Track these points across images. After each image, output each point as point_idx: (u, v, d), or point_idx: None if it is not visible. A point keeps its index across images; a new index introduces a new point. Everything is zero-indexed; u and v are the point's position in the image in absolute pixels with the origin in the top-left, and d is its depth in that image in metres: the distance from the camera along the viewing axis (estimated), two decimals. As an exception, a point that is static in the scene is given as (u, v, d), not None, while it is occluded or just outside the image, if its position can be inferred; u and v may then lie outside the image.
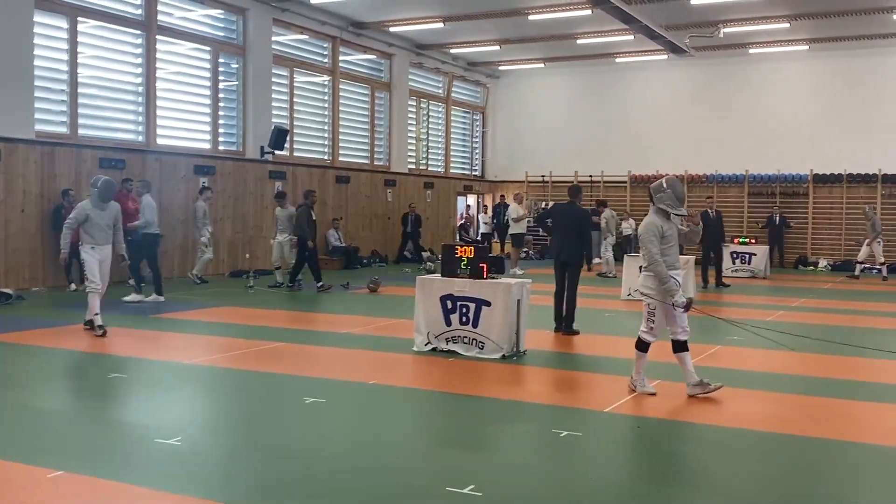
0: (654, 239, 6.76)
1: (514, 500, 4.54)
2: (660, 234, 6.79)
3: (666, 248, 6.82)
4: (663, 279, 6.72)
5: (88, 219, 9.58)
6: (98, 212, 9.63)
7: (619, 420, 6.30)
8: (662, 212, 6.89)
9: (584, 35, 21.49)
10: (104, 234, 9.69)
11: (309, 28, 19.88)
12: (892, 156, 21.86)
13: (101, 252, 9.67)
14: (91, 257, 9.60)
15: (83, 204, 9.77)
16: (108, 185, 9.77)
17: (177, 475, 4.87)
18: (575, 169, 25.78)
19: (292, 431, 5.87)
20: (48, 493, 4.56)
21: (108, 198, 9.74)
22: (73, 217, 9.69)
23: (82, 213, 9.61)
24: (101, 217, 9.66)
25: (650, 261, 6.79)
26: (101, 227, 9.65)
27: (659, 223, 6.84)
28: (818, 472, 5.20)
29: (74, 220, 9.65)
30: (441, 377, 7.83)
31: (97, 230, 9.62)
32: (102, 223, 9.67)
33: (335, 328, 10.95)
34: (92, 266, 9.59)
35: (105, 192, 9.69)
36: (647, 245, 6.79)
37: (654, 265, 6.76)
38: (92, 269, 9.59)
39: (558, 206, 11.23)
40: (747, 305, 13.67)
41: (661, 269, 6.72)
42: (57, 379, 7.56)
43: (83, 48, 14.92)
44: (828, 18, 19.29)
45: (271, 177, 18.77)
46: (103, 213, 9.69)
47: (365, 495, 4.58)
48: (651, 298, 6.88)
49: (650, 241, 6.77)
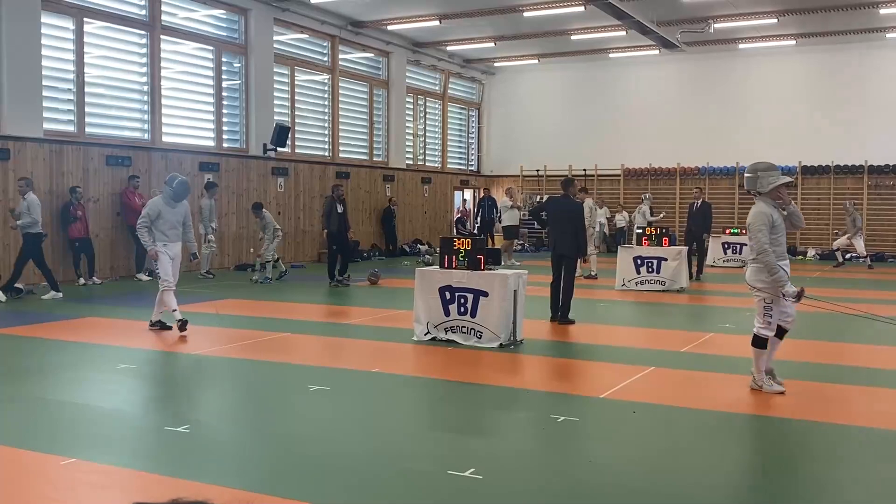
0: (765, 229, 6.54)
1: (513, 483, 4.67)
2: (770, 223, 6.58)
3: (775, 237, 6.60)
4: (773, 269, 6.51)
5: (160, 216, 9.46)
6: (169, 209, 9.53)
7: (615, 405, 6.43)
8: (769, 199, 6.69)
9: (578, 31, 21.83)
10: (175, 232, 9.61)
11: (309, 27, 20.21)
12: (877, 148, 22.28)
13: (172, 249, 9.60)
14: (163, 254, 9.52)
15: (156, 201, 9.64)
16: (183, 185, 9.63)
17: (186, 462, 5.00)
18: (569, 163, 26.16)
19: (298, 418, 6.08)
20: (62, 479, 4.70)
21: (181, 197, 9.65)
22: (146, 214, 9.53)
23: (155, 210, 9.49)
24: (173, 214, 9.57)
25: (759, 251, 6.55)
26: (172, 225, 9.56)
27: (769, 212, 6.61)
28: (804, 453, 5.39)
29: (147, 217, 9.49)
30: (441, 365, 8.03)
31: (169, 227, 9.52)
32: (174, 220, 9.58)
33: (337, 319, 11.30)
34: (165, 263, 9.50)
35: (180, 192, 9.60)
36: (758, 235, 6.55)
37: (763, 255, 6.53)
38: (165, 266, 9.50)
39: (553, 199, 11.40)
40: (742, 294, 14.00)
41: (771, 259, 6.51)
42: (68, 370, 7.62)
43: (89, 48, 15.22)
44: (814, 14, 19.67)
45: (274, 173, 19.14)
46: (175, 210, 9.59)
47: (369, 478, 4.71)
48: (764, 292, 6.66)
49: (760, 231, 6.55)
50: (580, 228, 10.47)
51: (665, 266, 14.24)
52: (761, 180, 6.67)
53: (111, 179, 15.36)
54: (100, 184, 15.18)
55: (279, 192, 19.31)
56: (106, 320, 10.68)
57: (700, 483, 4.77)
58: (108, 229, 15.32)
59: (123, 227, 15.45)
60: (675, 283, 14.18)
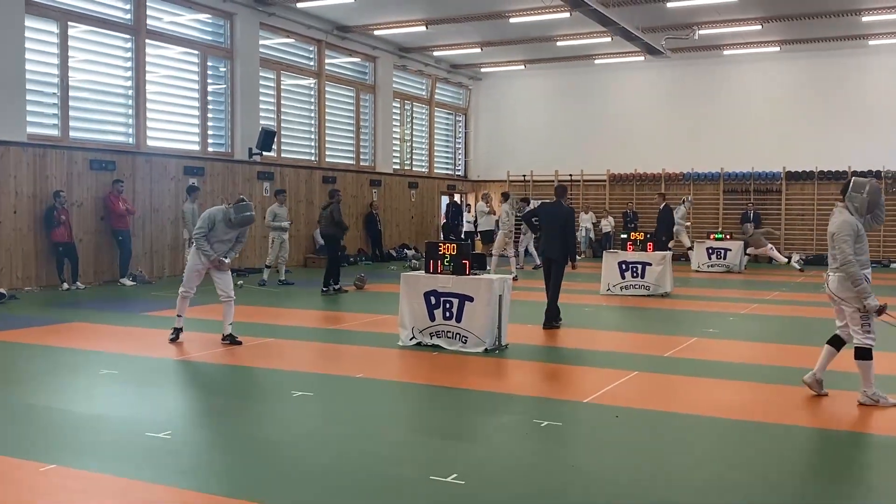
0: (850, 239, 6.38)
1: (495, 488, 4.67)
2: (855, 233, 6.43)
3: (859, 246, 6.44)
4: (857, 281, 6.32)
5: (215, 228, 9.10)
6: (224, 227, 9.12)
7: (598, 410, 6.45)
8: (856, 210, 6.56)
9: (564, 37, 21.93)
10: (223, 248, 9.22)
11: (295, 32, 20.20)
12: (860, 154, 22.45)
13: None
14: (198, 262, 9.19)
15: (215, 211, 9.19)
16: (247, 219, 9.14)
17: (167, 468, 4.97)
18: (555, 168, 26.25)
19: (280, 424, 6.05)
20: (41, 486, 4.65)
21: (239, 227, 9.22)
22: (204, 224, 9.10)
23: (211, 221, 9.10)
24: (226, 232, 9.18)
25: (843, 261, 6.37)
26: (222, 241, 9.18)
27: (855, 222, 6.46)
28: (787, 458, 5.40)
29: (205, 226, 9.08)
30: (425, 370, 8.02)
31: (217, 241, 9.15)
32: (225, 238, 9.20)
33: (323, 324, 11.28)
34: (191, 275, 9.21)
35: (239, 222, 9.13)
36: (842, 245, 6.38)
37: (846, 266, 6.35)
38: (190, 277, 9.22)
39: (545, 205, 11.61)
40: (724, 299, 14.12)
41: (856, 270, 6.32)
42: (49, 375, 7.56)
43: (74, 52, 15.15)
44: (798, 21, 19.84)
45: (259, 178, 19.11)
46: (230, 229, 9.18)
47: (352, 485, 4.70)
48: (847, 304, 6.48)
49: (845, 241, 6.38)
50: (570, 234, 10.63)
51: (649, 271, 14.31)
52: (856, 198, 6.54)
53: (95, 184, 15.29)
54: (84, 188, 15.11)
55: (265, 196, 19.27)
56: (89, 325, 10.61)
57: (683, 487, 4.79)
58: (91, 234, 15.24)
59: (107, 232, 15.38)
60: (659, 288, 14.25)
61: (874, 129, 22.46)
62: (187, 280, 9.27)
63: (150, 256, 16.48)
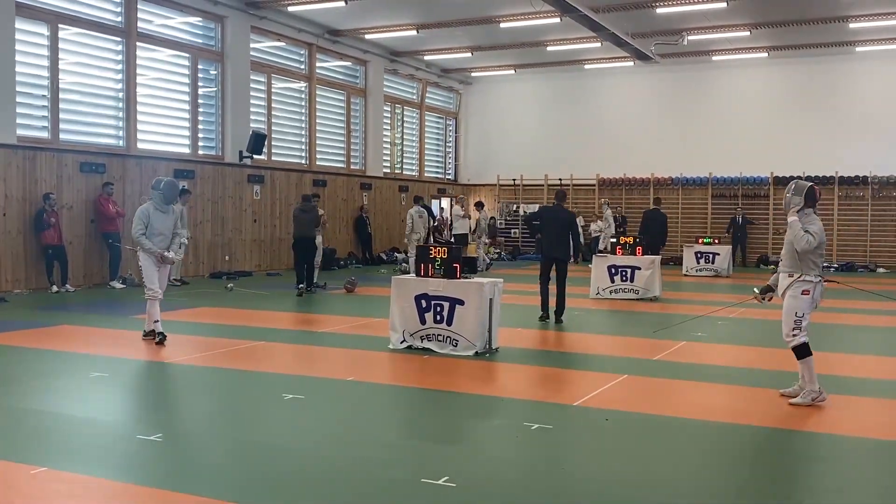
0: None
1: (486, 490, 4.70)
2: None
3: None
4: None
5: (150, 223, 9.11)
6: (160, 215, 9.18)
7: (587, 413, 6.50)
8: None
9: (554, 42, 22.04)
10: (164, 240, 9.23)
11: (286, 35, 20.21)
12: (848, 159, 22.64)
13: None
14: (149, 263, 9.20)
15: (145, 208, 9.25)
16: (170, 186, 9.26)
17: (158, 471, 4.98)
18: (545, 172, 26.35)
19: (272, 427, 6.08)
20: (32, 489, 4.63)
21: (171, 199, 9.32)
22: (140, 222, 9.11)
23: (146, 217, 9.12)
24: (163, 221, 9.20)
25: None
26: (161, 232, 9.19)
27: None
28: (770, 460, 5.46)
29: (142, 225, 9.10)
30: (416, 374, 8.05)
31: (156, 234, 9.16)
32: (163, 227, 9.21)
33: (313, 327, 11.29)
34: (150, 272, 9.19)
35: (168, 193, 9.24)
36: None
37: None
38: (150, 275, 9.18)
39: (546, 208, 12.35)
40: (711, 303, 14.19)
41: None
42: (40, 378, 7.54)
43: (64, 55, 15.12)
44: (787, 27, 20.00)
45: (250, 181, 19.10)
46: (165, 216, 9.24)
47: (343, 487, 4.71)
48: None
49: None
50: (575, 235, 11.80)
51: (638, 275, 14.39)
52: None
53: (85, 186, 15.25)
54: (73, 191, 15.07)
55: (255, 199, 19.27)
56: (79, 328, 10.60)
57: (672, 490, 4.83)
58: (81, 236, 15.20)
59: (97, 235, 15.34)
60: (648, 292, 14.32)
61: (861, 135, 22.64)
62: (148, 281, 9.22)
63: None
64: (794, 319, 6.74)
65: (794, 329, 6.74)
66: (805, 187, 6.90)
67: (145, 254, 9.19)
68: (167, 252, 9.25)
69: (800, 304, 6.76)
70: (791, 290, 6.82)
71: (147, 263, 9.24)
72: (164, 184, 9.28)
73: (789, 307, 6.80)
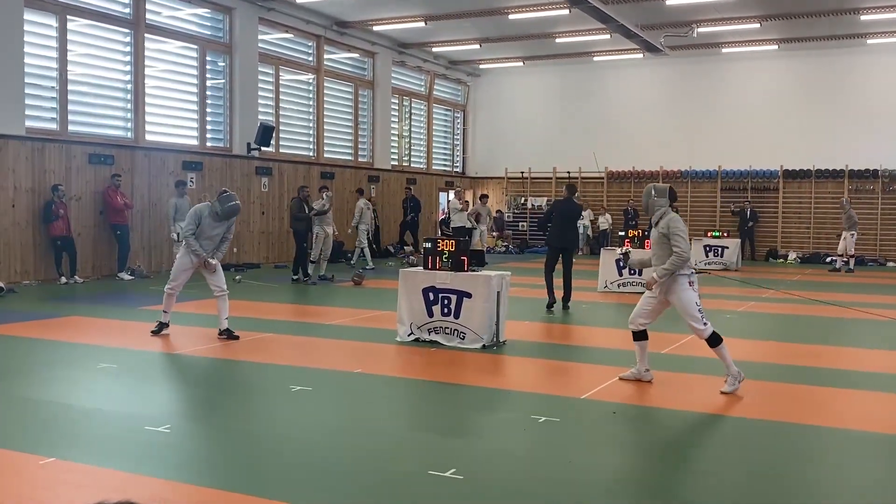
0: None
1: (493, 483, 4.71)
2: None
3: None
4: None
5: (200, 225, 9.04)
6: (211, 222, 9.07)
7: (595, 406, 6.49)
8: None
9: (563, 34, 21.95)
10: (210, 244, 9.15)
11: (294, 27, 20.19)
12: (858, 152, 22.54)
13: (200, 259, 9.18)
14: (186, 261, 9.16)
15: (201, 208, 9.13)
16: (233, 210, 9.08)
17: (167, 462, 4.99)
18: (553, 165, 26.29)
19: (279, 419, 6.08)
20: (40, 479, 4.65)
21: (226, 219, 9.17)
22: (191, 224, 9.04)
23: (198, 218, 9.04)
24: (214, 228, 9.10)
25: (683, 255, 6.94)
26: (210, 238, 9.13)
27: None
28: (782, 454, 5.43)
29: (193, 226, 9.02)
30: (423, 366, 8.05)
31: (205, 238, 9.09)
32: (212, 233, 9.13)
33: (321, 320, 11.29)
34: (181, 269, 9.18)
35: (227, 213, 9.08)
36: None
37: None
38: (179, 273, 9.19)
39: (558, 201, 12.93)
40: (722, 297, 14.13)
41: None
42: (48, 369, 7.56)
43: (73, 46, 15.14)
44: (797, 19, 19.88)
45: (258, 173, 19.11)
46: (217, 224, 9.12)
47: (350, 479, 4.72)
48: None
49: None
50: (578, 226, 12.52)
51: (647, 269, 14.30)
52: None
53: (94, 178, 15.29)
54: (82, 182, 15.10)
55: (263, 191, 19.29)
56: (87, 319, 10.63)
57: (680, 483, 4.83)
58: (90, 228, 15.24)
59: (105, 226, 15.38)
60: (656, 286, 14.24)
61: (872, 128, 22.50)
62: (174, 277, 9.26)
63: (148, 251, 16.49)
64: (698, 310, 6.94)
65: (704, 319, 6.94)
66: (666, 189, 7.24)
67: (187, 251, 9.17)
68: (211, 259, 9.19)
69: (694, 295, 7.01)
70: (676, 286, 7.02)
71: (184, 260, 9.20)
72: (229, 206, 9.02)
73: (687, 299, 6.97)
